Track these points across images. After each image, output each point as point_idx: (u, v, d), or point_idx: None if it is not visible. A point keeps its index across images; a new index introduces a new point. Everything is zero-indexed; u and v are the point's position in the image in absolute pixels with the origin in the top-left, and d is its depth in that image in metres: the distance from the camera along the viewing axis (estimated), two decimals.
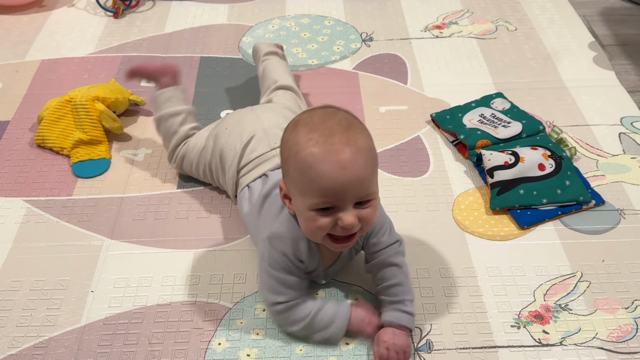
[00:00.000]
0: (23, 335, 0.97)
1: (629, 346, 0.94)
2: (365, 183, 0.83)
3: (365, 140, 0.83)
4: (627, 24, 1.72)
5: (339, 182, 0.81)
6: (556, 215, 1.14)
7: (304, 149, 0.82)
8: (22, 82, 1.51)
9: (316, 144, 0.81)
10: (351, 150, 0.81)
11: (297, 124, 0.86)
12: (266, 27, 1.70)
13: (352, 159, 0.80)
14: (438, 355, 0.93)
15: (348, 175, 0.81)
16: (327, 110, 0.86)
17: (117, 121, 1.31)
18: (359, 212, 0.84)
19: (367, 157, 0.82)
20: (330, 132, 0.81)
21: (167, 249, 1.10)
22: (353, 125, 0.84)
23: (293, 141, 0.84)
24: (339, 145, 0.81)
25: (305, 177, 0.82)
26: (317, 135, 0.82)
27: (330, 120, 0.83)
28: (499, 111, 1.35)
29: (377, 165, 0.86)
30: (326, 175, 0.81)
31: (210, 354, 0.94)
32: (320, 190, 0.82)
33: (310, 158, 0.81)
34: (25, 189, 1.22)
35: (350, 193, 0.83)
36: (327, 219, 0.84)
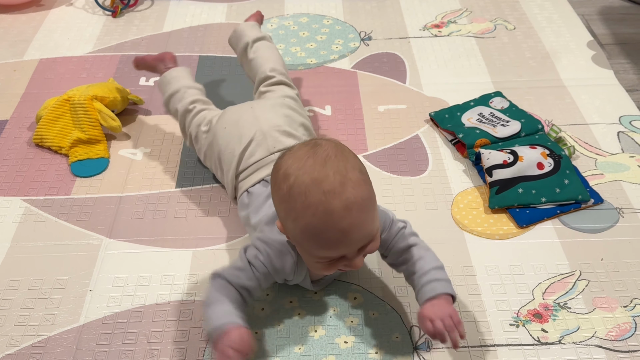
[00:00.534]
0: (21, 334, 0.97)
1: (628, 345, 0.94)
2: (368, 234, 0.82)
3: (361, 189, 0.80)
4: (625, 22, 1.72)
5: (342, 245, 0.81)
6: (555, 214, 1.14)
7: (303, 218, 0.79)
8: (20, 81, 1.51)
9: (315, 215, 0.78)
10: (351, 214, 0.78)
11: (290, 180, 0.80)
12: (265, 26, 1.70)
13: (353, 221, 0.79)
14: (437, 354, 0.93)
15: (351, 237, 0.80)
16: (317, 161, 0.80)
17: (116, 120, 1.31)
18: (365, 250, 0.84)
19: (366, 208, 0.80)
20: (327, 197, 0.78)
21: (165, 248, 1.10)
22: (347, 177, 0.79)
23: (287, 204, 0.81)
24: (339, 212, 0.78)
25: (308, 242, 0.82)
26: (315, 200, 0.78)
27: (325, 180, 0.78)
28: (498, 110, 1.35)
29: (375, 203, 0.84)
30: (329, 244, 0.81)
31: (209, 353, 0.94)
32: (326, 252, 0.83)
33: (310, 229, 0.80)
34: (24, 188, 1.22)
35: (354, 247, 0.83)
36: (333, 266, 0.85)
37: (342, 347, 0.94)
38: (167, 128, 1.37)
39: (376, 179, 1.22)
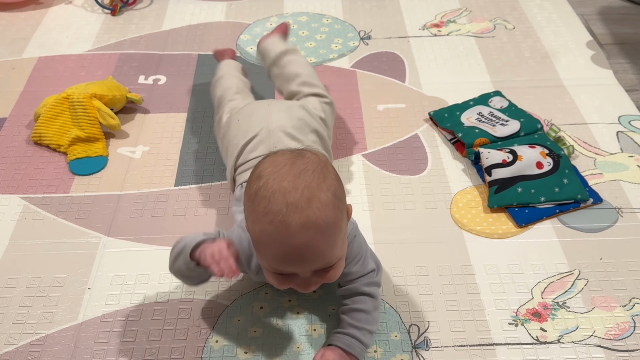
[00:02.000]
0: (20, 332, 0.96)
1: (627, 344, 0.94)
2: (323, 260, 0.79)
3: (327, 212, 0.76)
4: (625, 22, 1.72)
5: (292, 263, 0.79)
6: (554, 213, 1.14)
7: (261, 223, 0.77)
8: (19, 79, 1.51)
9: (271, 223, 0.76)
10: (307, 233, 0.75)
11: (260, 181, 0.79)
12: (264, 25, 1.70)
13: (309, 242, 0.76)
14: (436, 353, 0.93)
15: (303, 257, 0.78)
16: (294, 168, 0.79)
17: (115, 118, 1.31)
18: (321, 276, 0.82)
19: (327, 233, 0.77)
20: (289, 209, 0.75)
21: (164, 246, 1.10)
22: (316, 196, 0.76)
23: (251, 204, 0.79)
24: (295, 228, 0.75)
25: (261, 249, 0.80)
26: (276, 208, 0.76)
27: (292, 192, 0.76)
28: (497, 109, 1.35)
29: (340, 234, 0.80)
30: (280, 259, 0.78)
31: (207, 352, 0.93)
32: (275, 265, 0.80)
33: (264, 236, 0.77)
34: (22, 186, 1.22)
35: (306, 269, 0.80)
36: (284, 280, 0.83)
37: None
38: (166, 126, 1.36)
39: (375, 178, 1.22)
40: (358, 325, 0.90)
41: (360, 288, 0.92)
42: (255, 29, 1.69)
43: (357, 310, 0.91)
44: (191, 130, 1.35)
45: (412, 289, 1.02)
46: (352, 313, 0.91)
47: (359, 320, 0.90)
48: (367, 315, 0.91)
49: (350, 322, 0.90)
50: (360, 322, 0.90)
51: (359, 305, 0.91)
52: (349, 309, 0.92)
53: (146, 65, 1.55)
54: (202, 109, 1.41)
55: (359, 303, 0.91)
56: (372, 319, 0.91)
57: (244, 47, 1.62)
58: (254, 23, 1.71)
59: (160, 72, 1.53)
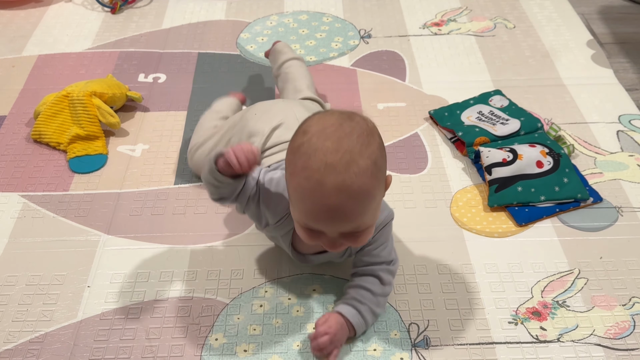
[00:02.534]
0: (19, 330, 0.96)
1: (626, 343, 0.94)
2: (352, 223, 0.80)
3: (363, 178, 0.77)
4: (625, 22, 1.72)
5: (322, 221, 0.80)
6: (554, 212, 1.14)
7: (297, 177, 0.78)
8: (19, 77, 1.51)
9: (307, 180, 0.77)
10: (340, 196, 0.76)
11: (305, 137, 0.79)
12: (264, 24, 1.70)
13: (341, 204, 0.77)
14: (435, 351, 0.93)
15: (333, 218, 0.78)
16: (340, 130, 0.78)
17: (115, 117, 1.31)
18: (348, 238, 0.82)
19: (360, 198, 0.78)
20: (327, 169, 0.76)
21: (164, 244, 1.10)
22: (355, 161, 0.77)
23: (292, 157, 0.80)
24: (329, 189, 0.76)
25: (294, 199, 0.81)
26: (315, 166, 0.76)
27: (333, 153, 0.76)
28: (497, 108, 1.35)
29: (373, 202, 0.80)
30: (311, 214, 0.79)
31: (207, 350, 0.93)
32: (305, 220, 0.81)
33: (299, 190, 0.79)
34: (22, 184, 1.22)
35: (335, 229, 0.81)
36: (313, 236, 0.83)
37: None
38: (166, 125, 1.36)
39: None
40: (362, 300, 0.92)
41: (376, 271, 0.93)
42: (255, 27, 1.69)
43: (365, 288, 0.93)
44: (191, 128, 1.35)
45: (411, 287, 1.02)
46: (358, 289, 0.93)
47: (364, 297, 0.92)
48: (372, 296, 0.92)
49: (355, 295, 0.92)
50: (365, 298, 0.92)
51: (367, 284, 0.93)
52: (356, 285, 0.94)
53: (146, 63, 1.55)
54: (202, 107, 1.40)
55: (369, 283, 0.93)
56: (376, 301, 0.93)
57: (244, 45, 1.61)
58: (254, 21, 1.71)
59: (160, 71, 1.53)
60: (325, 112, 0.84)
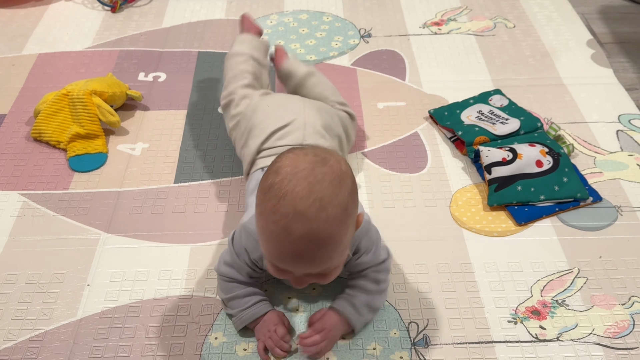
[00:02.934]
0: (19, 328, 0.96)
1: (626, 342, 0.94)
2: (318, 268, 0.81)
3: (332, 227, 0.77)
4: (625, 22, 1.72)
5: (288, 264, 0.81)
6: (553, 211, 1.14)
7: (266, 218, 0.78)
8: (18, 76, 1.51)
9: (276, 224, 0.76)
10: (308, 245, 0.77)
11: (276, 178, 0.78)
12: (264, 23, 1.70)
13: (307, 252, 0.78)
14: (435, 350, 0.93)
15: (300, 263, 0.80)
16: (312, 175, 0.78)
17: (115, 115, 1.31)
18: (314, 277, 0.84)
19: (327, 247, 0.78)
20: (295, 216, 0.75)
21: (164, 243, 1.10)
22: (326, 210, 0.76)
23: (262, 197, 0.79)
24: (297, 236, 0.76)
25: (262, 238, 0.81)
26: (283, 211, 0.76)
27: (303, 200, 0.76)
28: (497, 108, 1.35)
29: (340, 248, 0.80)
30: (277, 256, 0.80)
31: (206, 348, 0.93)
32: (271, 259, 0.82)
33: (267, 232, 0.79)
34: (22, 182, 1.22)
35: (299, 273, 0.83)
36: (279, 273, 0.84)
37: (340, 343, 0.94)
38: (166, 123, 1.36)
39: (375, 176, 1.22)
40: (356, 295, 0.93)
41: (368, 274, 0.94)
42: None
43: (358, 286, 0.94)
44: (191, 127, 1.35)
45: (411, 286, 1.02)
46: (352, 288, 0.94)
47: (358, 292, 0.93)
48: (367, 291, 0.93)
49: (349, 292, 0.94)
50: (359, 293, 0.93)
51: (361, 282, 0.94)
52: (353, 283, 0.95)
53: (146, 62, 1.55)
54: (202, 107, 1.41)
55: (362, 281, 0.94)
56: (372, 297, 0.93)
57: None
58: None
59: (160, 69, 1.53)
60: (300, 151, 0.82)
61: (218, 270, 0.96)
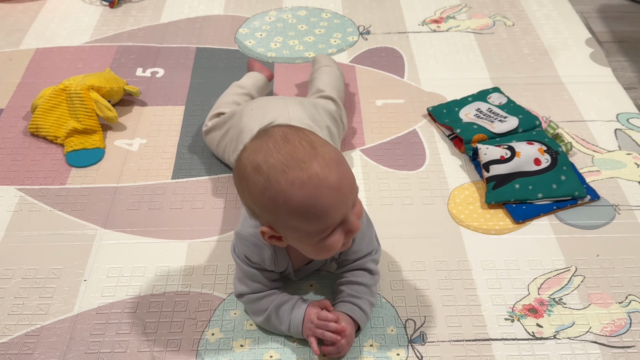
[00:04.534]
0: (15, 323, 0.96)
1: (622, 340, 0.94)
2: (354, 185, 0.82)
3: (329, 146, 0.80)
4: (624, 21, 1.72)
5: (341, 202, 0.79)
6: (551, 210, 1.14)
7: (294, 194, 0.77)
8: (16, 71, 1.50)
9: (302, 184, 0.76)
10: (333, 169, 0.77)
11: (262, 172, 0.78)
12: (263, 19, 1.69)
13: (339, 175, 0.78)
14: (432, 347, 0.93)
15: (343, 190, 0.79)
16: (277, 140, 0.80)
17: (112, 111, 1.31)
18: (354, 211, 0.83)
19: (341, 161, 0.80)
20: (306, 163, 0.77)
21: (161, 239, 1.09)
22: (312, 140, 0.80)
23: (274, 191, 0.78)
24: (322, 171, 0.77)
25: (309, 218, 0.78)
26: (296, 173, 0.76)
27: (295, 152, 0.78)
28: (496, 106, 1.35)
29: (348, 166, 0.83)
30: (330, 205, 0.78)
31: (203, 344, 0.93)
32: (331, 219, 0.79)
33: (304, 203, 0.77)
34: (19, 177, 1.22)
35: (349, 202, 0.81)
36: (338, 236, 0.82)
37: None
38: (164, 119, 1.36)
39: (373, 173, 1.22)
40: (358, 295, 0.92)
41: (363, 264, 0.94)
42: (254, 22, 1.68)
43: (357, 283, 0.93)
44: (189, 123, 1.35)
45: (408, 283, 1.02)
46: (351, 285, 0.94)
47: (359, 292, 0.93)
48: (366, 288, 0.93)
49: (350, 292, 0.93)
50: (360, 292, 0.93)
51: (359, 279, 0.93)
52: (347, 281, 0.94)
53: (144, 57, 1.55)
54: (199, 102, 1.40)
55: (359, 277, 0.94)
56: (370, 292, 0.94)
57: (242, 40, 1.61)
58: (252, 17, 1.71)
59: (158, 65, 1.52)
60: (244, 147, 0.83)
61: (237, 291, 0.94)
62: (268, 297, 0.93)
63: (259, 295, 0.93)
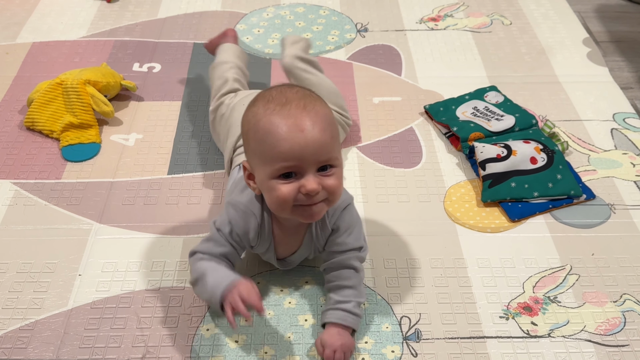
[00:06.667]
0: (9, 317, 0.96)
1: (617, 339, 0.94)
2: (324, 147, 0.82)
3: (323, 108, 0.84)
4: (621, 20, 1.72)
5: (297, 144, 0.80)
6: (547, 208, 1.14)
7: (263, 118, 0.83)
8: (12, 64, 1.50)
9: (273, 112, 0.82)
10: (309, 115, 0.82)
11: (256, 99, 0.87)
12: (260, 15, 1.69)
13: (309, 122, 0.81)
14: (426, 345, 0.93)
15: (306, 138, 0.80)
16: (284, 85, 0.88)
17: (108, 105, 1.30)
18: (322, 180, 0.83)
19: (325, 122, 0.83)
20: (287, 100, 0.83)
21: (156, 234, 1.09)
22: (310, 95, 0.85)
23: (252, 113, 0.85)
24: (296, 110, 0.82)
25: (265, 143, 0.82)
26: (274, 104, 0.83)
27: (287, 91, 0.85)
28: (493, 104, 1.35)
29: (337, 132, 0.86)
30: (285, 138, 0.80)
31: (198, 340, 0.93)
32: (280, 153, 0.81)
33: (268, 124, 0.82)
34: (14, 171, 1.21)
35: (310, 156, 0.81)
36: (289, 186, 0.82)
37: None
38: (160, 114, 1.36)
39: (370, 171, 1.22)
40: (346, 300, 0.92)
41: (346, 262, 0.93)
42: (252, 18, 1.68)
43: (344, 287, 0.93)
44: (185, 118, 1.35)
45: (404, 281, 1.02)
46: (339, 290, 0.93)
47: (347, 296, 0.92)
48: (354, 290, 0.93)
49: (339, 298, 0.92)
50: (349, 296, 0.92)
51: (345, 282, 0.93)
52: (335, 285, 0.93)
53: (141, 52, 1.54)
54: (196, 98, 1.40)
55: (345, 279, 0.93)
56: (358, 293, 0.93)
57: (240, 36, 1.60)
58: (250, 13, 1.70)
59: (155, 60, 1.52)
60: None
61: (195, 248, 0.92)
62: (205, 262, 0.90)
63: (202, 257, 0.91)
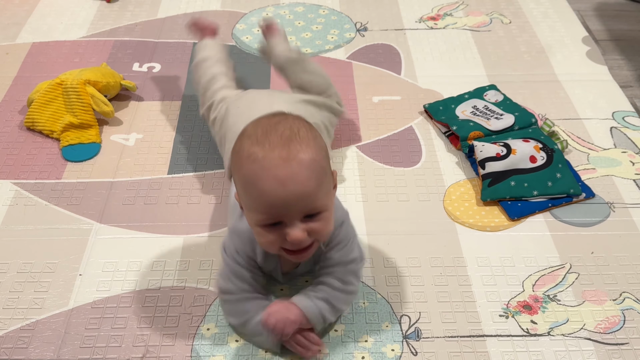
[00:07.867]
0: (10, 317, 0.96)
1: (616, 337, 0.94)
2: (309, 198, 0.79)
3: (309, 153, 0.78)
4: (620, 19, 1.72)
5: (279, 198, 0.77)
6: (546, 207, 1.14)
7: (245, 164, 0.79)
8: (12, 64, 1.50)
9: (255, 161, 0.78)
10: (290, 166, 0.77)
11: (242, 136, 0.82)
12: (260, 15, 1.69)
13: (291, 174, 0.77)
14: (426, 343, 0.93)
15: (288, 191, 0.77)
16: (272, 121, 0.82)
17: (108, 105, 1.30)
18: (309, 226, 0.80)
19: (309, 170, 0.78)
20: (271, 147, 0.78)
21: (156, 234, 1.09)
22: (296, 137, 0.79)
23: (236, 156, 0.82)
24: (278, 160, 0.77)
25: (248, 193, 0.80)
26: (257, 149, 0.78)
27: (272, 133, 0.79)
28: (492, 103, 1.35)
29: (324, 176, 0.81)
30: (266, 192, 0.77)
31: (198, 339, 0.93)
32: (262, 207, 0.79)
33: (251, 175, 0.78)
34: (14, 171, 1.21)
35: (293, 209, 0.79)
36: (274, 235, 0.81)
37: (332, 336, 0.94)
38: (160, 114, 1.36)
39: (369, 170, 1.23)
40: (316, 290, 0.90)
41: (333, 273, 0.90)
42: (251, 18, 1.68)
43: (321, 282, 0.91)
44: (185, 118, 1.35)
45: (403, 279, 1.02)
46: (317, 285, 0.91)
47: (319, 289, 0.90)
48: (329, 289, 0.90)
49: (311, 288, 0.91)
50: (320, 290, 0.90)
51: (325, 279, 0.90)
52: (317, 281, 0.92)
53: (141, 52, 1.55)
54: (196, 98, 1.39)
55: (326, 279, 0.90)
56: (334, 295, 0.90)
57: (239, 36, 1.61)
58: (250, 12, 1.70)
59: (154, 60, 1.52)
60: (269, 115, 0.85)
61: (221, 288, 0.91)
62: (253, 301, 0.91)
63: (243, 296, 0.90)
